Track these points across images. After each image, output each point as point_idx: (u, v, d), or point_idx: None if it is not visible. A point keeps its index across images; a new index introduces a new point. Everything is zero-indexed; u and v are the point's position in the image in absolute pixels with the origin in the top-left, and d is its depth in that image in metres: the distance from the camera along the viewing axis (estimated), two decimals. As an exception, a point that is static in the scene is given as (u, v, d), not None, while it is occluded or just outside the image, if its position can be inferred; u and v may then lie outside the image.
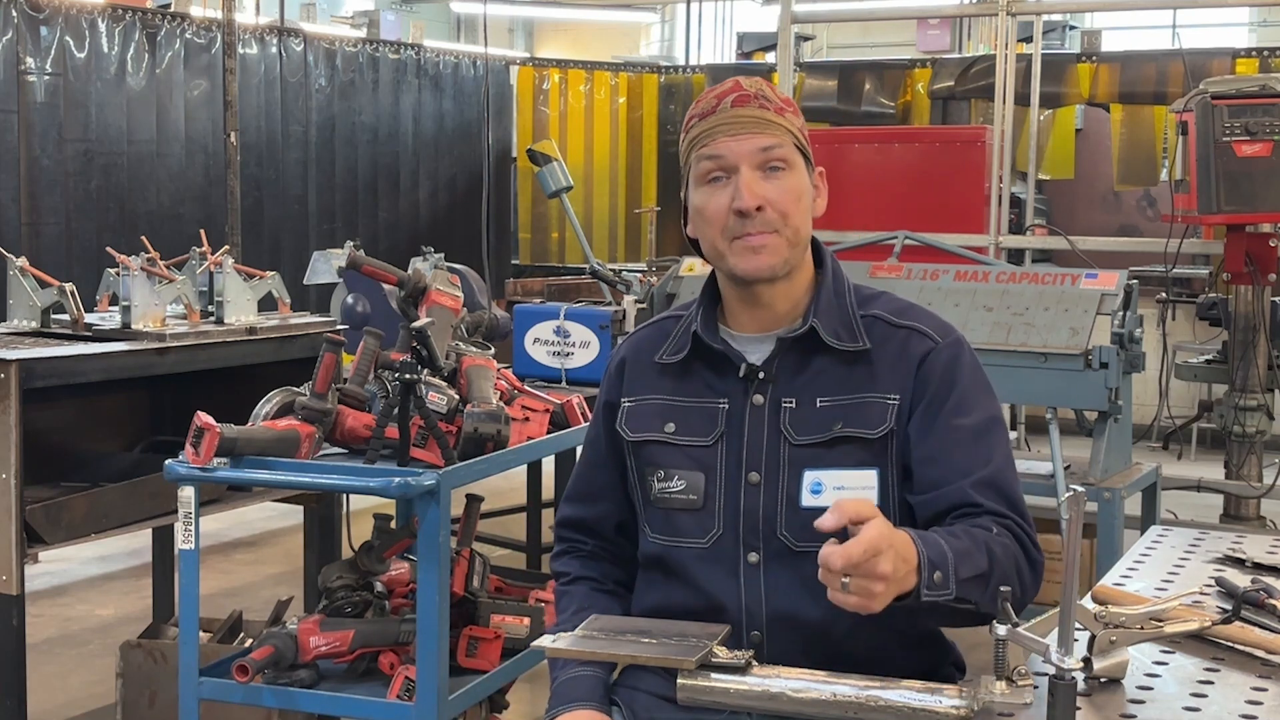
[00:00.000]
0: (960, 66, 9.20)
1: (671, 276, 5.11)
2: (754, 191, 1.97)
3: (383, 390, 3.12)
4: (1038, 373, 4.34)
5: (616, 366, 2.17)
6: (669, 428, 2.06)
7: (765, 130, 1.99)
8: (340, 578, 3.15)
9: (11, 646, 3.48)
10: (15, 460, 3.41)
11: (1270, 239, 5.22)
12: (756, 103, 2.01)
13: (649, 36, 16.31)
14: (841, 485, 1.98)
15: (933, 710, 1.61)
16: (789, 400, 2.01)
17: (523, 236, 10.45)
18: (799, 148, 2.03)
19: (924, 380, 2.00)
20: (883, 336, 2.03)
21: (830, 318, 2.03)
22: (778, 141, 2.00)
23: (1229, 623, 1.88)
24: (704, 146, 2.01)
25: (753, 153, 1.99)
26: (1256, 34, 13.62)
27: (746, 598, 2.00)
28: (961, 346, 2.04)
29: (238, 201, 6.56)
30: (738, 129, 1.99)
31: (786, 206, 1.99)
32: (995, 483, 1.95)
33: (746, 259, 2.00)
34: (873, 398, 2.00)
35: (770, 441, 2.01)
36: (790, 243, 2.00)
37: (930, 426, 1.98)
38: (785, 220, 1.99)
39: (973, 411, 1.99)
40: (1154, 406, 6.35)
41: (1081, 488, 1.53)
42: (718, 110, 2.02)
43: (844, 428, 1.99)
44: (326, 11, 13.46)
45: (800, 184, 2.02)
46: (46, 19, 7.26)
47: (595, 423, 2.20)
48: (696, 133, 2.03)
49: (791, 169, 2.01)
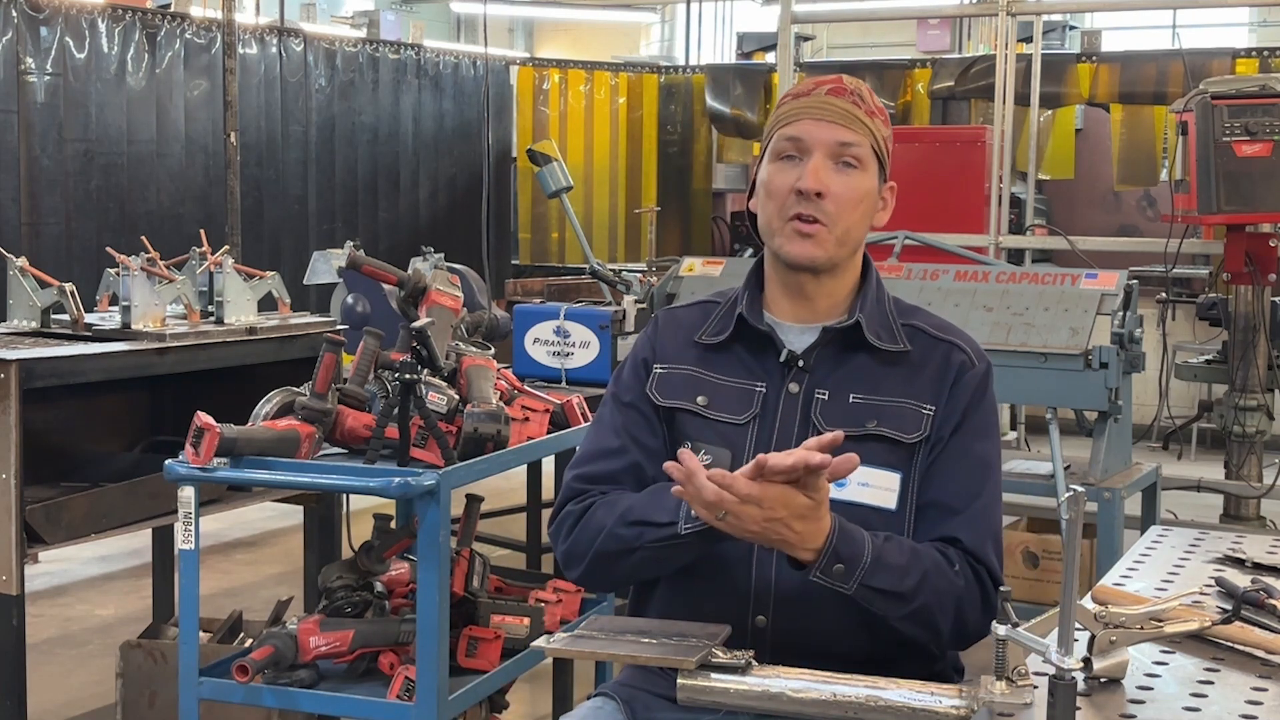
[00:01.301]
0: (960, 66, 9.20)
1: (671, 276, 5.11)
2: (819, 177, 2.00)
3: (383, 390, 3.12)
4: (1038, 373, 4.34)
5: (654, 328, 2.18)
6: (701, 399, 2.08)
7: (850, 125, 2.02)
8: (340, 578, 3.15)
9: (11, 646, 3.47)
10: (15, 460, 3.41)
11: (1270, 239, 5.22)
12: (851, 98, 2.04)
13: (649, 36, 16.31)
14: (866, 482, 2.01)
15: (933, 710, 1.61)
16: (822, 392, 2.04)
17: (523, 236, 10.45)
18: (877, 154, 2.05)
19: (956, 395, 2.04)
20: (925, 346, 2.07)
21: (873, 319, 2.06)
22: (858, 140, 2.02)
23: (1229, 623, 1.88)
24: (786, 125, 2.04)
25: (830, 142, 2.01)
26: (1256, 34, 13.63)
27: (757, 579, 2.00)
28: (992, 374, 2.09)
29: (238, 201, 6.56)
30: (824, 115, 2.02)
31: (845, 203, 2.02)
32: (980, 522, 2.00)
33: (793, 242, 2.03)
34: (909, 403, 2.03)
35: (800, 430, 2.02)
36: (839, 240, 2.03)
37: (945, 442, 2.02)
38: (839, 215, 2.01)
39: (985, 439, 2.04)
40: (1154, 406, 6.35)
41: (1081, 488, 1.52)
42: (812, 94, 2.05)
43: (879, 426, 2.01)
44: (326, 11, 13.47)
45: (867, 187, 2.04)
46: (46, 19, 7.26)
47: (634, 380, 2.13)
48: (784, 110, 2.06)
49: (863, 170, 2.03)
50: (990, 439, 2.05)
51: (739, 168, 10.81)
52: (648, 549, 1.98)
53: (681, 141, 10.65)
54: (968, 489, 2.01)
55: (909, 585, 1.91)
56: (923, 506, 2.02)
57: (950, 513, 2.00)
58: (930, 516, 2.01)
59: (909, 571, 1.92)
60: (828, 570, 1.87)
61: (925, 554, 1.96)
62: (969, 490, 2.01)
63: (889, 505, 2.02)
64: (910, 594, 1.91)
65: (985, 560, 1.99)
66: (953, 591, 1.94)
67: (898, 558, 1.92)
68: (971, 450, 2.02)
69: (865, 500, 2.01)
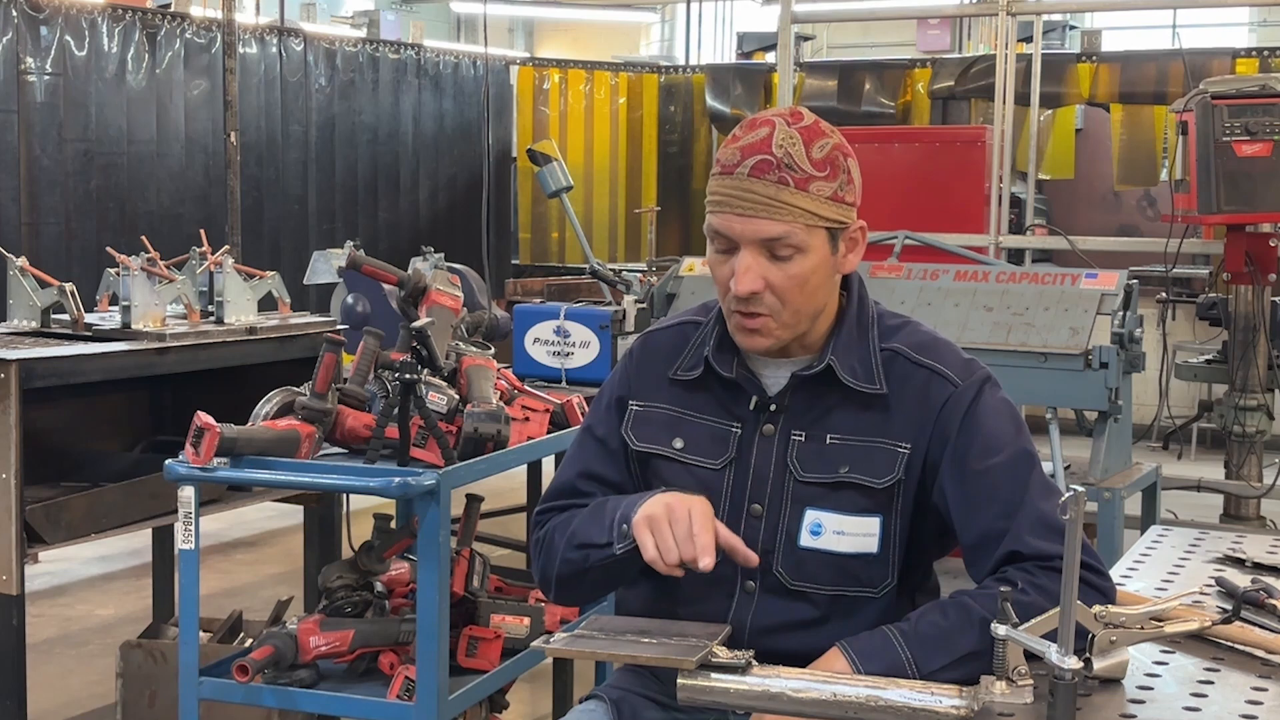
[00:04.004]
0: (960, 66, 9.20)
1: (671, 276, 5.11)
2: (750, 278, 1.87)
3: (383, 390, 3.12)
4: (1038, 373, 4.34)
5: (630, 361, 2.11)
6: (677, 443, 2.01)
7: (775, 215, 1.86)
8: (340, 578, 3.15)
9: (11, 646, 3.47)
10: (15, 460, 3.41)
11: (1270, 239, 5.22)
12: (777, 175, 1.86)
13: (649, 36, 16.31)
14: (842, 530, 1.94)
15: (933, 710, 1.61)
16: (799, 433, 1.96)
17: (523, 236, 10.45)
18: (822, 223, 1.89)
19: (944, 426, 1.93)
20: (902, 376, 1.95)
21: (849, 354, 1.96)
22: (787, 231, 1.86)
23: (1229, 623, 1.88)
24: (713, 214, 1.91)
25: (756, 239, 1.87)
26: (1256, 34, 13.63)
27: (733, 624, 1.95)
28: (983, 386, 1.95)
29: (238, 201, 6.56)
30: (746, 208, 1.87)
31: (787, 292, 1.89)
32: (1036, 522, 1.86)
33: (742, 336, 1.95)
34: (883, 444, 1.93)
35: (776, 474, 1.96)
36: (789, 325, 1.92)
37: (962, 474, 1.91)
38: (784, 305, 1.90)
39: (1002, 450, 1.91)
40: (1154, 406, 6.34)
41: (1081, 488, 1.52)
42: (735, 173, 1.88)
43: (850, 473, 1.93)
44: (326, 11, 13.46)
45: (810, 266, 1.89)
46: (46, 19, 7.26)
47: (608, 418, 2.09)
48: (711, 192, 1.92)
49: (804, 253, 1.89)
50: (1007, 446, 1.91)
51: (739, 168, 10.80)
52: (597, 569, 1.98)
53: (681, 141, 10.66)
54: (1004, 508, 1.88)
55: (972, 643, 1.77)
56: (972, 546, 1.90)
57: (997, 537, 1.87)
58: (983, 551, 1.89)
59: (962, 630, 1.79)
60: None
61: (974, 598, 1.82)
62: (1006, 508, 1.88)
63: (869, 550, 1.95)
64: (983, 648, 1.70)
65: (1052, 554, 1.81)
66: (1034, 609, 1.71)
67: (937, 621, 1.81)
68: (993, 468, 1.90)
69: (843, 549, 1.94)
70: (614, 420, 2.08)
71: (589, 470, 2.08)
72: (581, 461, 2.10)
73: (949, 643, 1.79)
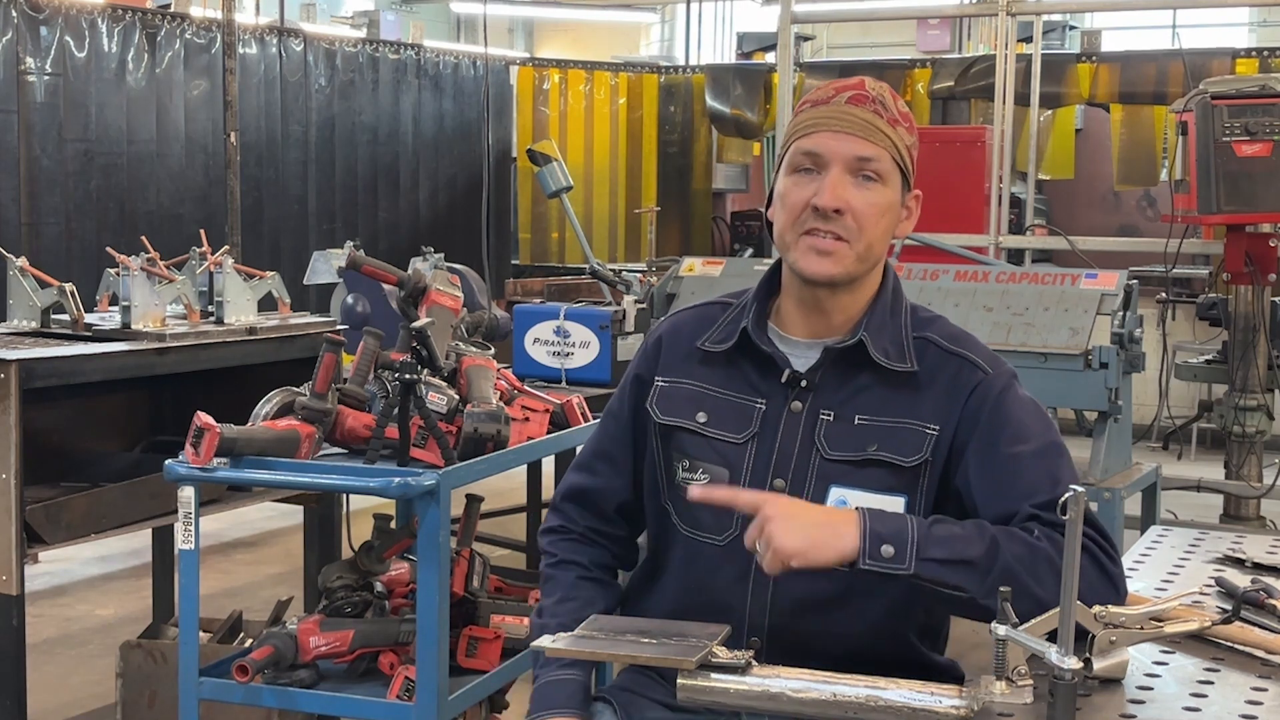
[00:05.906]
0: (960, 66, 9.20)
1: (671, 276, 5.11)
2: (838, 194, 1.92)
3: (383, 390, 3.12)
4: (1038, 373, 4.34)
5: (654, 342, 2.13)
6: (700, 417, 2.03)
7: (870, 137, 1.94)
8: (340, 578, 3.15)
9: (11, 646, 3.48)
10: (15, 460, 3.41)
11: (1270, 239, 5.22)
12: (873, 106, 1.95)
13: (649, 36, 16.31)
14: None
15: (933, 710, 1.61)
16: (827, 412, 1.97)
17: (523, 236, 10.45)
18: (900, 165, 1.97)
19: (973, 411, 1.95)
20: (934, 362, 1.98)
21: (882, 335, 1.99)
22: (877, 154, 1.94)
23: (1229, 623, 1.88)
24: (804, 137, 1.96)
25: (849, 157, 1.93)
26: (1256, 34, 13.62)
27: (752, 603, 1.97)
28: (1013, 380, 1.99)
29: (238, 201, 6.56)
30: (842, 127, 1.94)
31: (866, 219, 1.94)
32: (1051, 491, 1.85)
33: (810, 259, 1.96)
34: (913, 424, 1.95)
35: (801, 451, 1.97)
36: (859, 256, 1.95)
37: (990, 459, 1.92)
38: (860, 232, 1.94)
39: (1031, 438, 1.93)
40: (1154, 406, 6.34)
41: (1081, 488, 1.52)
42: (831, 102, 1.96)
43: (878, 450, 1.95)
44: (326, 11, 13.46)
45: (888, 200, 1.96)
46: (46, 19, 7.26)
47: (621, 395, 2.14)
48: (801, 120, 1.98)
49: (885, 183, 1.95)
50: (1036, 435, 1.93)
51: (739, 168, 10.81)
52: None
53: (681, 141, 10.66)
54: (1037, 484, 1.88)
55: (976, 552, 1.79)
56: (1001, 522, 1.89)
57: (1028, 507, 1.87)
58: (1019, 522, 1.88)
59: (971, 540, 1.81)
60: (875, 554, 1.78)
61: (981, 526, 1.85)
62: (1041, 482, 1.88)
63: None
64: (983, 561, 1.78)
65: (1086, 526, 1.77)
66: (1039, 553, 1.79)
67: (952, 528, 1.83)
68: (1022, 454, 1.90)
69: None
70: (628, 397, 2.12)
71: (602, 449, 2.16)
72: (597, 441, 2.18)
73: (953, 544, 1.81)
